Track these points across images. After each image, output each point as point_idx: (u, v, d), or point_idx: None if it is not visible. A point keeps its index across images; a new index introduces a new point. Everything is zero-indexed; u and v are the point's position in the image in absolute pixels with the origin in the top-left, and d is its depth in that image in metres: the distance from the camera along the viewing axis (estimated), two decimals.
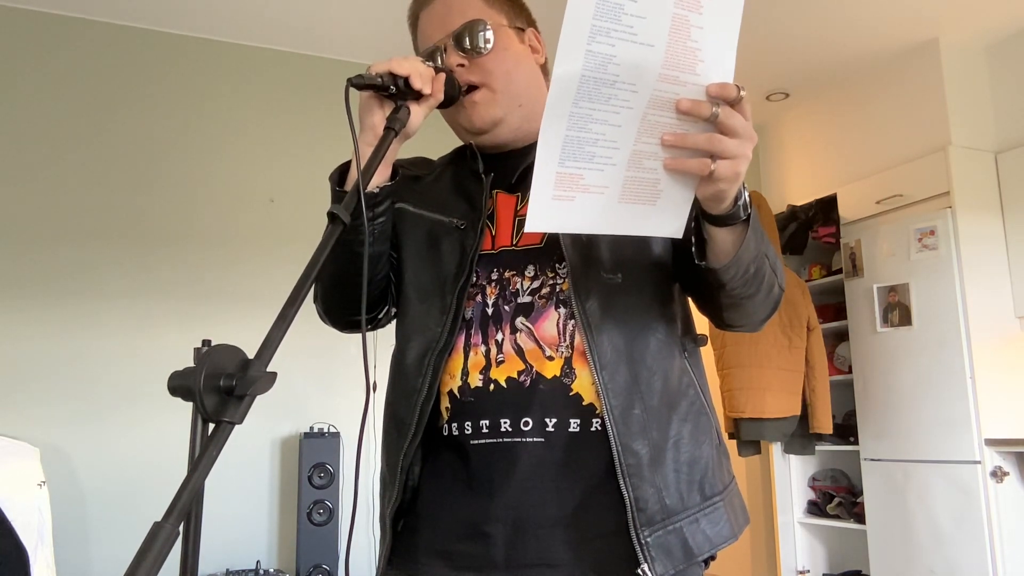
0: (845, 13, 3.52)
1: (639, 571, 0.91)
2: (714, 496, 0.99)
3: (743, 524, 1.03)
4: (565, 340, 0.98)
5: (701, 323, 1.09)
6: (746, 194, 0.87)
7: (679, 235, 0.88)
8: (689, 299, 1.09)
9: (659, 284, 1.02)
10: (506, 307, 1.00)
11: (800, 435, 3.77)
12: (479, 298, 1.02)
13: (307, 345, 3.00)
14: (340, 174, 1.01)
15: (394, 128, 0.95)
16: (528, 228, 0.83)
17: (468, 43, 1.05)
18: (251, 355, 0.69)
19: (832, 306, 4.05)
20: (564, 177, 0.81)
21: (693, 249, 0.92)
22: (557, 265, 1.00)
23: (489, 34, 1.06)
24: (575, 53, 0.75)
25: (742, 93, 0.80)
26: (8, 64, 3.27)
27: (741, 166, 0.81)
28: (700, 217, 0.89)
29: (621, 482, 0.93)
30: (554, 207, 0.83)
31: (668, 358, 1.00)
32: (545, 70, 1.14)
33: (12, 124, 3.24)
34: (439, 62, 1.06)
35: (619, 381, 0.95)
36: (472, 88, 1.05)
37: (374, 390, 0.81)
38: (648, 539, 0.92)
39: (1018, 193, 3.56)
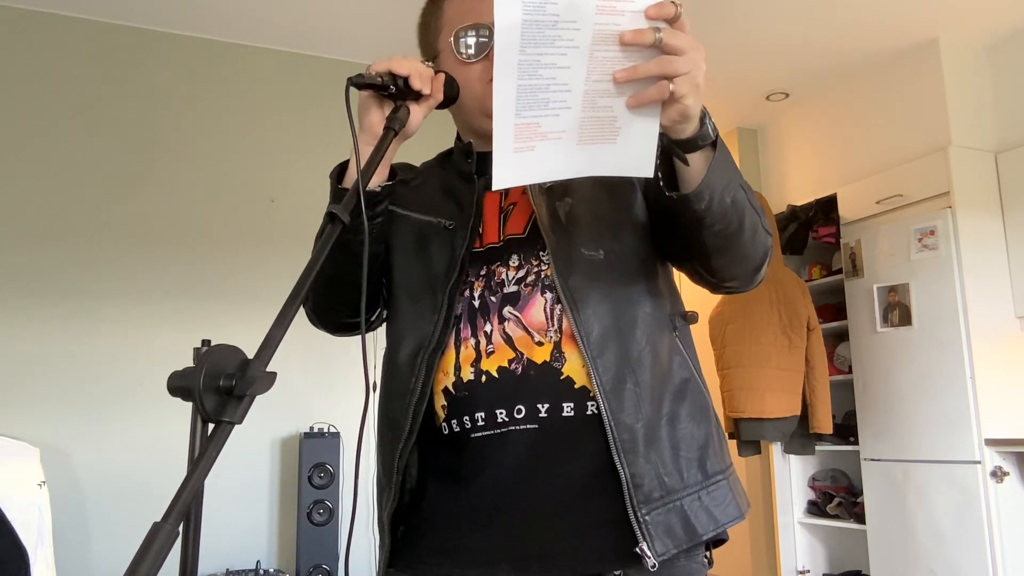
0: (845, 13, 3.52)
1: (637, 550, 0.89)
2: (717, 474, 0.97)
3: (747, 506, 1.01)
4: (553, 324, 0.97)
5: (690, 308, 1.09)
6: (709, 117, 0.86)
7: (649, 173, 0.86)
8: (680, 279, 1.08)
9: (643, 259, 1.02)
10: (492, 298, 1.00)
11: (800, 435, 3.76)
12: (466, 293, 1.01)
13: (307, 345, 3.01)
14: (339, 173, 1.01)
15: (393, 128, 0.95)
16: (495, 185, 0.82)
17: None
18: (251, 355, 0.69)
19: (832, 306, 4.05)
20: (522, 128, 0.81)
21: (661, 183, 0.90)
22: (541, 252, 1.00)
23: None
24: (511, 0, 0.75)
25: (680, 9, 0.79)
26: (8, 64, 3.27)
27: (698, 78, 0.80)
28: (670, 149, 0.87)
29: (616, 459, 0.91)
30: (516, 160, 0.82)
31: (657, 333, 0.99)
32: None
33: (11, 123, 3.24)
34: (483, 43, 1.03)
35: (609, 357, 0.94)
36: None
37: (374, 390, 0.81)
38: (647, 517, 0.90)
39: (1018, 193, 3.56)
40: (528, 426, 0.95)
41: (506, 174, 0.82)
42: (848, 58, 3.94)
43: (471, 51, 1.04)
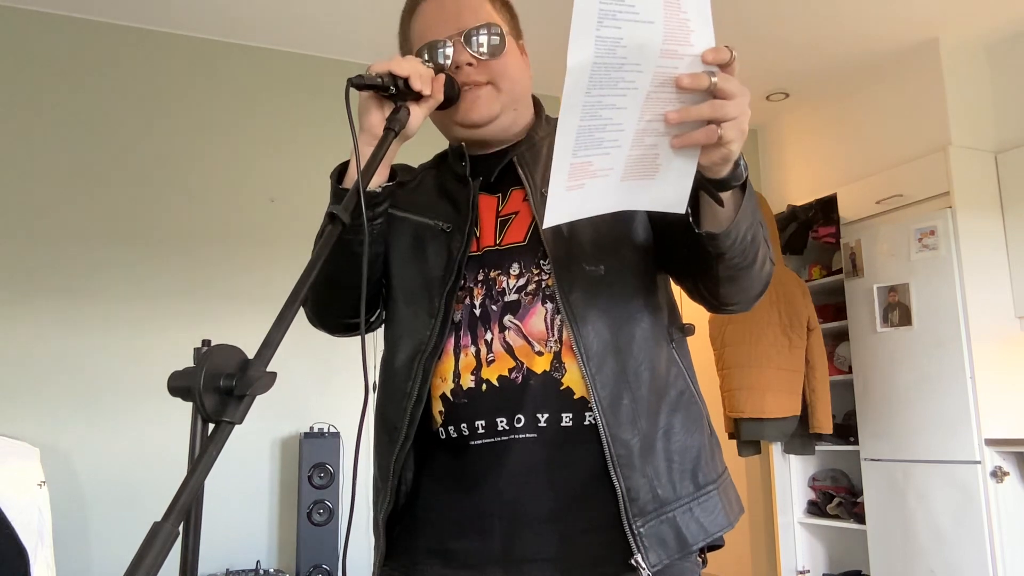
0: (845, 13, 3.52)
1: (632, 561, 0.91)
2: (708, 485, 0.99)
3: (738, 513, 1.03)
4: (553, 335, 0.98)
5: (689, 316, 1.09)
6: (742, 158, 0.87)
7: (682, 210, 0.87)
8: (676, 289, 1.09)
9: (643, 274, 1.03)
10: (493, 307, 1.00)
11: (800, 435, 3.76)
12: (467, 300, 1.02)
13: (307, 345, 3.00)
14: (339, 173, 1.01)
15: (393, 129, 0.95)
16: (546, 224, 0.83)
17: (483, 44, 1.04)
18: (251, 355, 0.69)
19: (832, 306, 4.05)
20: (576, 167, 0.81)
21: (691, 219, 0.91)
22: (542, 261, 1.01)
23: (505, 39, 1.06)
24: (585, 41, 0.75)
25: (735, 54, 0.80)
26: (8, 64, 3.27)
27: (744, 123, 0.81)
28: (702, 187, 0.88)
29: (612, 473, 0.93)
30: (567, 198, 0.83)
31: (655, 347, 1.00)
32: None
33: (12, 124, 3.24)
34: (443, 56, 1.04)
35: (607, 372, 0.96)
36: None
37: (374, 390, 0.81)
38: (641, 529, 0.92)
39: (1018, 193, 3.56)
40: (528, 435, 0.96)
41: (556, 213, 0.83)
42: (848, 58, 3.94)
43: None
